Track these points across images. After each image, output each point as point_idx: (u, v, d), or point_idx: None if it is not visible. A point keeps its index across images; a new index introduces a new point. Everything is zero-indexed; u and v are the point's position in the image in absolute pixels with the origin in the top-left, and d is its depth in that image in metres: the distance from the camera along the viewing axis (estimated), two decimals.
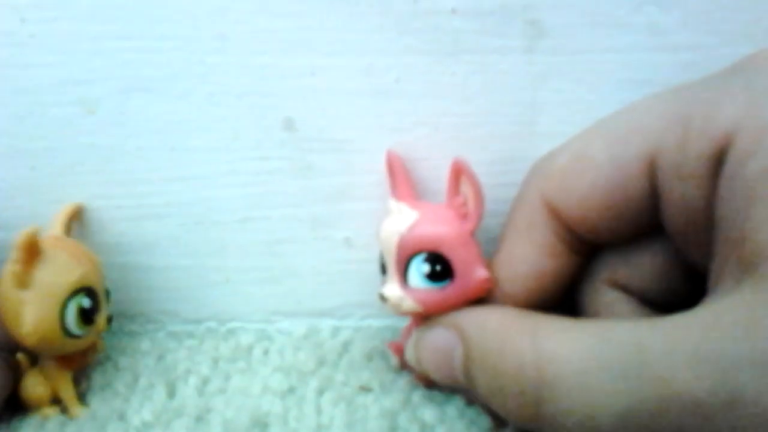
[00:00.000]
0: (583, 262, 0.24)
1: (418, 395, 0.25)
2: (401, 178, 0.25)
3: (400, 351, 0.26)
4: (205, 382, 0.26)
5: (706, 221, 0.20)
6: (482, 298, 0.23)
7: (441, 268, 0.22)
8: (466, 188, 0.23)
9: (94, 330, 0.25)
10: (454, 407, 0.25)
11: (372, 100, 0.26)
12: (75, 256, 0.24)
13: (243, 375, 0.27)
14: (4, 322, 0.24)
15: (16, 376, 0.25)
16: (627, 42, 0.25)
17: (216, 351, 0.28)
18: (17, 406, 0.25)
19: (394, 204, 0.24)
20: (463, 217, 0.23)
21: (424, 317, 0.23)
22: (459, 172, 0.23)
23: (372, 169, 0.27)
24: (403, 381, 0.26)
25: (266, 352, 0.28)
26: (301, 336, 0.29)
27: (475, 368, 0.21)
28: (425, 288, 0.23)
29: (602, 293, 0.23)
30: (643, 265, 0.23)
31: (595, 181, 0.22)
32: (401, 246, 0.23)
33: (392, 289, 0.23)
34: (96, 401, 0.26)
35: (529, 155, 0.24)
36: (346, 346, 0.28)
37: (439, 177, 0.25)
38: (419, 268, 0.22)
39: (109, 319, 0.25)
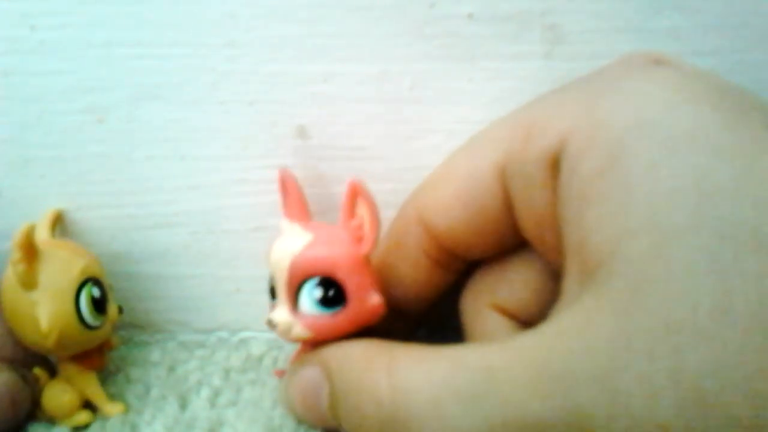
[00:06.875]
0: (455, 278, 0.24)
1: None
2: (294, 198, 0.24)
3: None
4: (217, 393, 0.26)
5: (555, 227, 0.19)
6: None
7: (334, 293, 0.21)
8: (362, 210, 0.21)
9: (108, 320, 0.24)
10: None
11: (386, 107, 0.26)
12: (73, 251, 0.24)
13: (254, 386, 0.26)
14: (16, 330, 0.23)
15: (35, 392, 0.24)
16: (647, 48, 0.24)
17: (227, 361, 0.28)
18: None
19: (286, 224, 0.23)
20: (359, 240, 0.21)
21: (315, 344, 0.22)
22: (356, 194, 0.21)
23: (386, 177, 0.26)
24: None
25: (276, 362, 0.28)
26: None
27: (339, 407, 0.20)
28: (316, 314, 0.21)
29: (485, 317, 0.23)
30: (521, 286, 0.22)
31: (456, 192, 0.22)
32: (293, 269, 0.21)
33: (281, 314, 0.22)
34: None
35: None
36: None
37: None
38: (311, 292, 0.21)
39: (120, 309, 0.25)
